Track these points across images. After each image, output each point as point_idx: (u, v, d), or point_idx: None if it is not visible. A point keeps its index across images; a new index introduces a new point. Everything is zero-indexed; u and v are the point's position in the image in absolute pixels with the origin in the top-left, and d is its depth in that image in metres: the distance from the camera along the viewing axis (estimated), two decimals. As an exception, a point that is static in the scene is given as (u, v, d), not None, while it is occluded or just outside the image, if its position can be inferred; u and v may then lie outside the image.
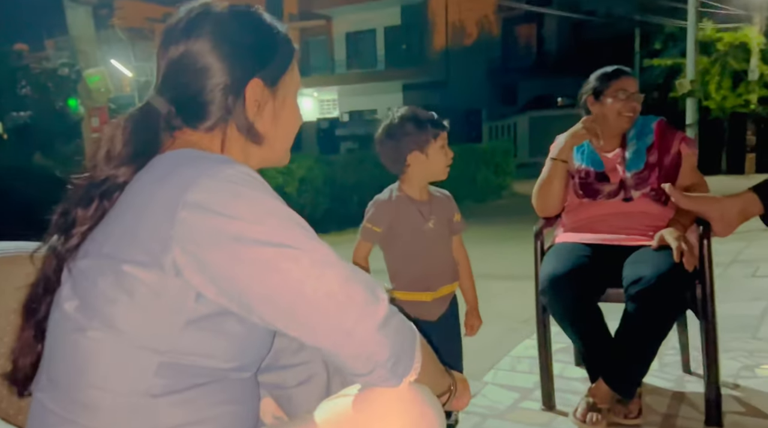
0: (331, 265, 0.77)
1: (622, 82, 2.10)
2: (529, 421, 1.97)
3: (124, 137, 0.87)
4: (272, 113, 0.93)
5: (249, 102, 0.90)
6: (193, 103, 0.88)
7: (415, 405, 0.82)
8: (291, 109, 0.97)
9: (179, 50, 0.88)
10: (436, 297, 1.71)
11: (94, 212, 0.84)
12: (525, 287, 2.41)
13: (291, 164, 8.12)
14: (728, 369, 2.28)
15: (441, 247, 1.72)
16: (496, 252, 6.11)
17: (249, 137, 0.91)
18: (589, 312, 1.89)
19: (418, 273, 1.68)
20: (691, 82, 11.38)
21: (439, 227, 1.70)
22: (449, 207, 1.76)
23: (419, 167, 1.65)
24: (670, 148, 2.06)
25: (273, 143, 0.95)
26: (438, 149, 1.65)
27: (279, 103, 0.94)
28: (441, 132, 1.64)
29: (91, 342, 0.77)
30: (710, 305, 1.84)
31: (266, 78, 0.91)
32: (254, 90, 0.90)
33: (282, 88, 0.94)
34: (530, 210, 2.21)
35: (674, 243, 1.78)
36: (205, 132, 0.89)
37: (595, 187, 2.11)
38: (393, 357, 0.77)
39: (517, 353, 2.65)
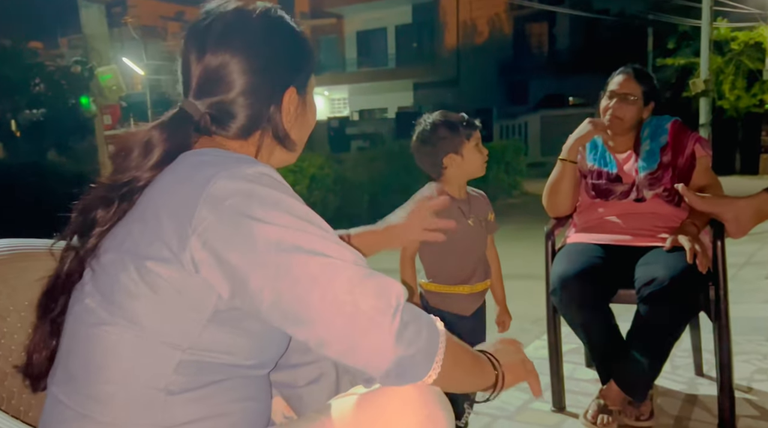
0: (341, 271, 0.75)
1: (615, 80, 2.08)
2: (540, 422, 1.96)
3: (158, 143, 0.87)
4: (303, 118, 0.96)
5: (285, 111, 0.92)
6: (229, 113, 0.89)
7: (423, 407, 0.81)
8: (312, 108, 0.99)
9: (217, 60, 0.88)
10: (473, 292, 1.76)
11: (114, 214, 0.84)
12: (535, 288, 2.40)
13: (302, 163, 8.14)
14: (742, 371, 2.25)
15: (478, 244, 1.78)
16: (506, 252, 6.06)
17: (283, 144, 0.93)
18: (600, 313, 1.88)
19: (457, 268, 1.74)
20: (704, 82, 11.28)
21: (478, 225, 1.76)
22: (485, 206, 1.80)
23: (456, 168, 1.71)
24: (684, 148, 2.04)
25: (298, 144, 0.97)
26: (472, 149, 1.70)
27: (304, 106, 0.96)
28: (473, 132, 1.70)
29: (113, 336, 0.78)
30: (724, 307, 1.82)
31: (299, 86, 0.94)
32: (290, 98, 0.92)
33: (308, 92, 0.97)
34: (541, 210, 2.20)
35: (687, 244, 1.76)
36: (237, 139, 0.90)
37: (608, 187, 2.09)
38: (401, 365, 0.76)
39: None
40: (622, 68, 2.11)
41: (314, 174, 8.07)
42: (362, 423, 0.81)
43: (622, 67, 2.13)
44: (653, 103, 2.10)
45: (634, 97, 2.04)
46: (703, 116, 11.98)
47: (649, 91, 2.07)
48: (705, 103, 12.07)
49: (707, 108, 12.73)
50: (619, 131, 2.07)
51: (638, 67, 2.12)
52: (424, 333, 0.78)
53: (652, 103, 2.10)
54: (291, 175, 8.03)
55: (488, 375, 0.92)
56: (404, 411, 0.80)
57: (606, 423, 1.83)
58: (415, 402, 0.81)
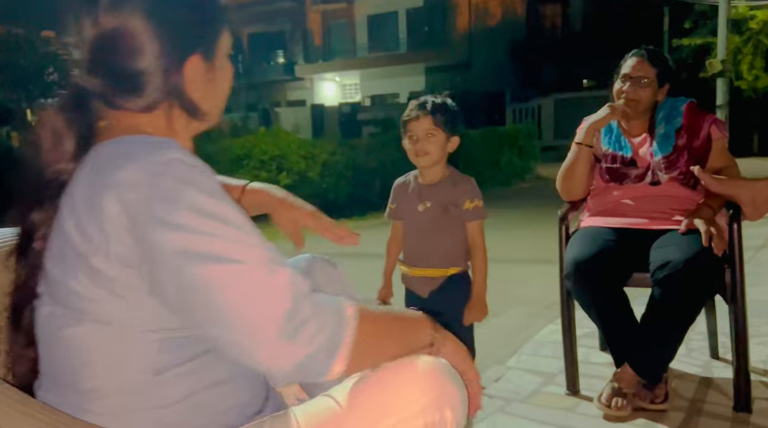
0: (240, 277, 0.72)
1: (628, 63, 2.06)
2: (554, 406, 1.97)
3: (64, 129, 0.82)
4: (211, 85, 0.90)
5: (189, 79, 0.86)
6: (129, 84, 0.83)
7: (435, 385, 0.82)
8: (224, 73, 0.93)
9: (111, 24, 0.81)
10: (418, 275, 1.78)
11: (48, 215, 0.82)
12: (549, 272, 2.39)
13: (313, 149, 8.16)
14: (758, 354, 2.24)
15: (432, 231, 1.76)
16: (519, 236, 6.07)
17: (192, 115, 0.88)
18: (614, 297, 1.87)
19: (410, 250, 1.81)
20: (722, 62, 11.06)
21: (433, 211, 1.75)
22: (453, 194, 1.75)
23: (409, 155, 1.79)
24: (699, 131, 2.01)
25: (211, 112, 0.92)
26: (408, 139, 1.77)
27: (217, 72, 0.90)
28: (406, 125, 1.77)
29: (86, 337, 0.78)
30: (740, 290, 1.81)
31: (205, 52, 0.87)
32: (194, 67, 0.86)
33: (218, 55, 0.90)
34: (555, 194, 2.19)
35: (702, 227, 1.74)
36: (144, 112, 0.84)
37: (622, 171, 2.07)
38: (303, 365, 0.73)
39: (541, 338, 2.63)
40: (635, 50, 2.08)
41: (326, 160, 8.08)
42: (374, 404, 0.81)
43: (635, 49, 2.10)
44: (668, 85, 2.07)
45: (647, 79, 2.02)
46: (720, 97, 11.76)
47: (663, 72, 2.04)
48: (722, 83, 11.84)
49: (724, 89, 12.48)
50: (633, 114, 2.05)
51: (651, 48, 2.09)
52: (328, 325, 0.75)
53: (667, 85, 2.07)
54: (303, 161, 8.05)
55: (422, 333, 0.89)
56: (416, 389, 0.81)
57: (620, 406, 1.83)
58: (426, 381, 0.82)
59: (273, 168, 8.14)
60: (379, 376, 0.83)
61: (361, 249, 1.34)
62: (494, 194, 10.30)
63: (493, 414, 1.92)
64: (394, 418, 0.80)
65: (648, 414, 1.84)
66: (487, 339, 2.69)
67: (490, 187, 10.79)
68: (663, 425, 1.79)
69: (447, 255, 1.77)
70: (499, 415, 1.92)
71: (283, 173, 8.09)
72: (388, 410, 0.81)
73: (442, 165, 1.77)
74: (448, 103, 1.76)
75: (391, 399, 0.81)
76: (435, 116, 1.72)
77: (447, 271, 1.76)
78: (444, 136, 1.73)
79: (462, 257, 1.77)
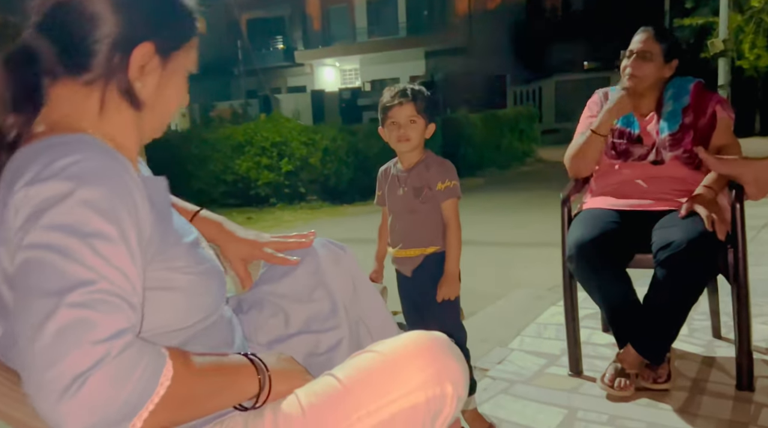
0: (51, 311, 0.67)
1: (635, 39, 2.06)
2: (557, 386, 1.98)
3: (3, 84, 0.81)
4: (157, 83, 0.88)
5: (134, 64, 0.84)
6: (77, 51, 0.82)
7: (434, 360, 0.83)
8: (178, 87, 0.92)
9: None
10: (400, 256, 1.84)
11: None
12: (551, 254, 2.40)
13: (314, 135, 8.14)
14: (760, 333, 2.25)
15: (409, 213, 1.80)
16: (521, 219, 6.08)
17: (127, 99, 0.86)
18: (616, 278, 1.88)
19: (392, 232, 1.87)
20: (723, 42, 11.00)
21: (409, 194, 1.80)
22: (426, 177, 1.78)
23: (387, 139, 1.81)
24: (705, 110, 2.01)
25: (152, 114, 0.90)
26: (389, 126, 1.78)
27: (167, 76, 0.89)
28: (387, 112, 1.78)
29: None
30: (742, 270, 1.81)
31: (159, 46, 0.86)
32: (142, 53, 0.84)
33: (174, 62, 0.89)
34: (556, 176, 2.19)
35: (704, 212, 1.74)
36: (83, 85, 0.83)
37: (627, 148, 2.07)
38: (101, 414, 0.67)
39: (544, 320, 2.65)
40: (643, 27, 2.08)
41: (327, 146, 8.07)
42: (375, 380, 0.82)
43: (641, 26, 2.10)
44: (677, 61, 2.07)
45: (651, 54, 2.02)
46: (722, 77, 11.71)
47: (670, 48, 2.04)
48: (724, 63, 11.79)
49: (726, 68, 12.45)
50: (639, 89, 2.05)
51: (659, 25, 2.09)
52: (123, 394, 0.67)
53: (675, 61, 2.07)
54: (304, 148, 8.04)
55: (246, 384, 0.84)
56: (416, 364, 0.82)
57: (623, 387, 1.84)
58: (426, 356, 0.83)
59: (274, 155, 8.14)
60: (379, 353, 0.84)
61: (364, 235, 1.34)
62: (495, 177, 10.29)
63: (496, 396, 1.94)
64: (396, 393, 0.81)
65: (651, 394, 1.86)
66: (491, 321, 2.71)
67: (491, 170, 10.78)
68: (666, 404, 1.80)
69: (424, 236, 1.80)
70: (503, 396, 1.94)
71: (284, 159, 8.08)
72: (389, 386, 0.81)
73: (420, 150, 1.81)
74: (424, 91, 1.80)
75: (392, 375, 0.82)
76: (416, 102, 1.75)
77: (425, 250, 1.80)
78: (424, 122, 1.77)
79: (440, 237, 1.80)
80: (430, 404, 0.82)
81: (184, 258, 0.86)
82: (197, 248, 0.91)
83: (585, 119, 2.20)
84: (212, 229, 1.19)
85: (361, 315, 1.11)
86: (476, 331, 2.48)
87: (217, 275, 0.93)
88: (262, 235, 1.19)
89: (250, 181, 8.20)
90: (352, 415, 0.81)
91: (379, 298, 1.16)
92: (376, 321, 1.13)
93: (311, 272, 1.11)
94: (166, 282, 0.84)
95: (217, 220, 1.20)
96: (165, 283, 0.84)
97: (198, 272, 0.88)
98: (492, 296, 3.10)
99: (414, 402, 0.81)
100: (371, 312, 1.13)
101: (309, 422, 0.82)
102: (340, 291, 1.10)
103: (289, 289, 1.11)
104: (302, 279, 1.11)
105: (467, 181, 9.27)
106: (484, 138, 10.74)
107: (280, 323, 1.10)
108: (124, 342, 0.69)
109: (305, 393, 0.85)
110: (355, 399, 0.81)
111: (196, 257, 0.89)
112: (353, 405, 0.81)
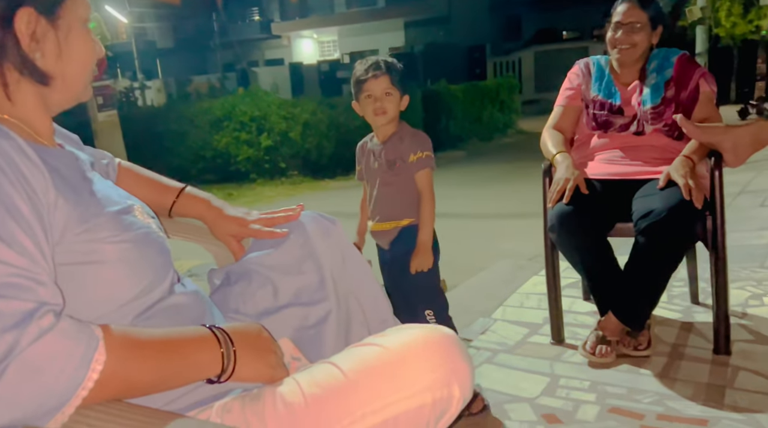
0: None
1: (619, 11, 2.03)
2: (539, 355, 2.01)
3: None
4: (56, 47, 0.81)
5: (21, 35, 0.78)
6: None
7: (446, 361, 0.80)
8: (80, 39, 0.85)
9: None
10: (375, 229, 1.84)
11: None
12: (533, 225, 2.42)
13: (294, 109, 8.04)
14: (736, 298, 2.30)
15: (382, 186, 1.80)
16: (503, 191, 6.10)
17: (31, 77, 0.80)
18: (598, 247, 1.89)
19: (370, 206, 1.87)
20: (701, 9, 11.00)
21: (383, 167, 1.79)
22: (399, 149, 1.77)
23: (362, 113, 1.80)
24: (688, 83, 2.01)
25: (65, 80, 0.84)
26: (364, 99, 1.76)
27: (63, 34, 0.82)
28: (362, 85, 1.75)
29: None
30: (721, 237, 1.84)
31: (40, 6, 0.79)
32: (26, 21, 0.78)
33: (64, 16, 0.82)
34: (537, 148, 2.19)
35: (681, 181, 1.76)
36: None
37: (608, 119, 2.08)
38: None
39: (526, 289, 2.67)
40: None
41: (307, 120, 7.98)
42: (381, 376, 0.79)
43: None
44: (661, 27, 2.06)
45: (640, 24, 2.00)
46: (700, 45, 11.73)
47: (654, 16, 2.02)
48: (701, 31, 11.79)
49: (704, 37, 12.48)
50: (630, 59, 2.05)
51: None
52: (45, 384, 0.63)
53: (660, 27, 2.05)
54: (284, 122, 7.94)
55: (205, 358, 0.79)
56: (427, 364, 0.79)
57: (604, 353, 1.87)
58: (438, 355, 0.80)
59: (253, 129, 8.03)
60: (386, 348, 0.81)
61: (346, 209, 1.34)
62: (477, 149, 10.29)
63: (480, 366, 1.96)
64: (403, 393, 0.78)
65: (632, 360, 1.90)
66: (473, 293, 2.73)
67: (473, 142, 10.77)
68: (646, 370, 1.84)
69: (398, 208, 1.80)
70: (487, 366, 1.96)
71: (264, 134, 7.99)
72: (396, 384, 0.78)
73: (395, 123, 1.79)
74: (396, 62, 1.78)
75: (400, 373, 0.79)
76: (391, 74, 1.74)
77: (400, 223, 1.80)
78: (399, 94, 1.76)
79: (414, 209, 1.79)
80: (436, 405, 0.79)
81: (108, 228, 0.82)
82: (125, 216, 0.87)
83: (564, 90, 2.19)
84: (199, 206, 1.17)
85: (351, 288, 1.10)
86: (459, 302, 2.50)
87: (153, 241, 0.89)
88: (251, 212, 1.17)
89: (230, 156, 8.11)
90: (356, 411, 0.78)
91: (369, 271, 1.15)
92: (366, 293, 1.12)
93: (300, 244, 1.09)
94: (94, 255, 0.80)
95: (205, 197, 1.18)
96: (93, 256, 0.80)
97: (126, 240, 0.84)
98: (475, 267, 3.12)
99: (421, 403, 0.79)
100: (362, 285, 1.12)
101: (311, 412, 0.78)
102: (329, 264, 1.08)
103: (278, 261, 1.09)
104: (291, 251, 1.09)
105: (449, 153, 9.26)
106: (465, 110, 10.70)
107: (269, 295, 1.07)
108: (38, 326, 0.64)
109: (307, 382, 0.81)
110: (360, 395, 0.79)
111: (121, 224, 0.85)
112: (358, 401, 0.78)
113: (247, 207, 1.22)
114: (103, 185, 0.91)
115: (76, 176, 0.86)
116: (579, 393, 1.75)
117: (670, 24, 13.68)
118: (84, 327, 0.69)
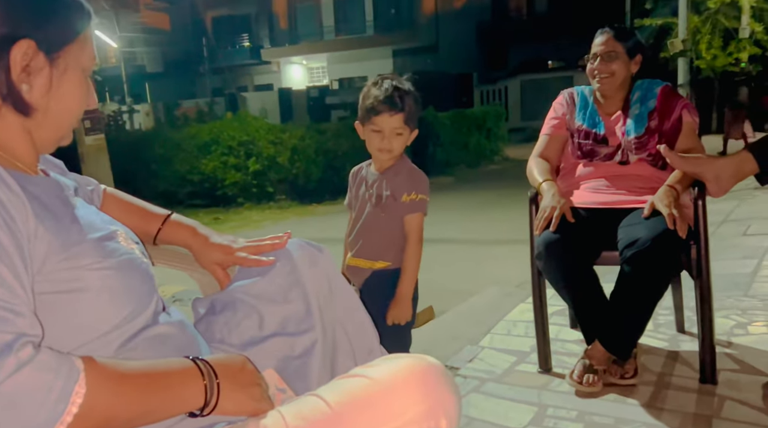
0: None
1: (596, 42, 2.08)
2: (527, 384, 2.00)
3: None
4: (48, 83, 0.82)
5: (14, 64, 0.78)
6: None
7: (431, 393, 0.79)
8: (73, 83, 0.85)
9: None
10: (350, 264, 1.72)
11: None
12: (520, 252, 2.42)
13: (282, 134, 8.07)
14: (722, 327, 2.31)
15: (368, 217, 1.69)
16: (490, 217, 6.13)
17: (13, 106, 0.80)
18: (584, 276, 1.90)
19: (349, 235, 1.75)
20: (682, 42, 11.26)
21: (371, 198, 1.68)
22: (392, 183, 1.65)
23: (364, 139, 1.68)
24: (671, 114, 2.04)
25: (47, 115, 0.84)
26: (371, 132, 1.64)
27: (58, 74, 0.83)
28: (373, 117, 1.61)
29: None
30: (705, 265, 1.85)
31: (43, 42, 0.80)
32: (22, 52, 0.78)
33: (65, 58, 0.83)
34: (523, 175, 2.20)
35: (665, 210, 1.78)
36: None
37: (593, 148, 2.10)
38: None
39: (513, 317, 2.67)
40: (601, 29, 2.10)
41: (295, 145, 8.00)
42: (368, 409, 0.78)
43: (599, 29, 2.12)
44: (641, 56, 2.09)
45: (615, 53, 2.04)
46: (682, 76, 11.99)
47: (631, 46, 2.06)
48: (683, 63, 12.07)
49: (685, 68, 12.76)
50: (611, 88, 2.08)
51: (617, 25, 2.11)
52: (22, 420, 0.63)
53: (639, 56, 2.09)
54: (272, 146, 7.96)
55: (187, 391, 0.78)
56: (414, 396, 0.78)
57: (592, 383, 1.87)
58: (425, 387, 0.79)
59: (241, 154, 8.04)
60: (372, 379, 0.80)
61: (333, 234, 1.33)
62: (464, 175, 10.36)
63: (468, 395, 1.94)
64: (389, 425, 0.77)
65: (618, 389, 1.89)
66: (461, 319, 2.72)
67: (460, 169, 10.85)
68: (633, 399, 1.83)
69: (375, 248, 1.67)
70: (474, 395, 1.94)
71: (252, 158, 7.99)
72: (382, 416, 0.77)
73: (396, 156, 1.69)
74: (414, 93, 1.65)
75: (386, 405, 0.77)
76: (406, 112, 1.60)
77: (374, 264, 1.67)
78: (409, 131, 1.64)
79: (392, 253, 1.65)
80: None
81: (90, 254, 0.81)
82: (108, 242, 0.86)
83: (549, 120, 2.22)
84: (185, 234, 1.16)
85: (338, 317, 1.09)
86: (447, 329, 2.49)
87: (137, 268, 0.89)
88: (237, 240, 1.16)
89: (217, 181, 8.09)
90: None
91: (356, 299, 1.14)
92: (353, 323, 1.11)
93: (286, 272, 1.08)
94: (76, 283, 0.79)
95: (190, 224, 1.17)
96: (75, 284, 0.79)
97: (108, 266, 0.83)
98: (463, 292, 3.11)
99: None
100: (348, 314, 1.11)
101: None
102: (316, 292, 1.07)
103: (264, 289, 1.07)
104: (277, 280, 1.08)
105: (437, 179, 9.30)
106: (453, 137, 10.80)
107: (254, 324, 1.06)
108: (17, 359, 0.63)
109: (292, 415, 0.79)
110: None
111: (104, 251, 0.84)
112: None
113: (234, 231, 1.21)
114: (86, 211, 0.90)
115: (56, 203, 0.85)
116: (566, 422, 1.74)
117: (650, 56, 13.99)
118: (64, 358, 0.68)
